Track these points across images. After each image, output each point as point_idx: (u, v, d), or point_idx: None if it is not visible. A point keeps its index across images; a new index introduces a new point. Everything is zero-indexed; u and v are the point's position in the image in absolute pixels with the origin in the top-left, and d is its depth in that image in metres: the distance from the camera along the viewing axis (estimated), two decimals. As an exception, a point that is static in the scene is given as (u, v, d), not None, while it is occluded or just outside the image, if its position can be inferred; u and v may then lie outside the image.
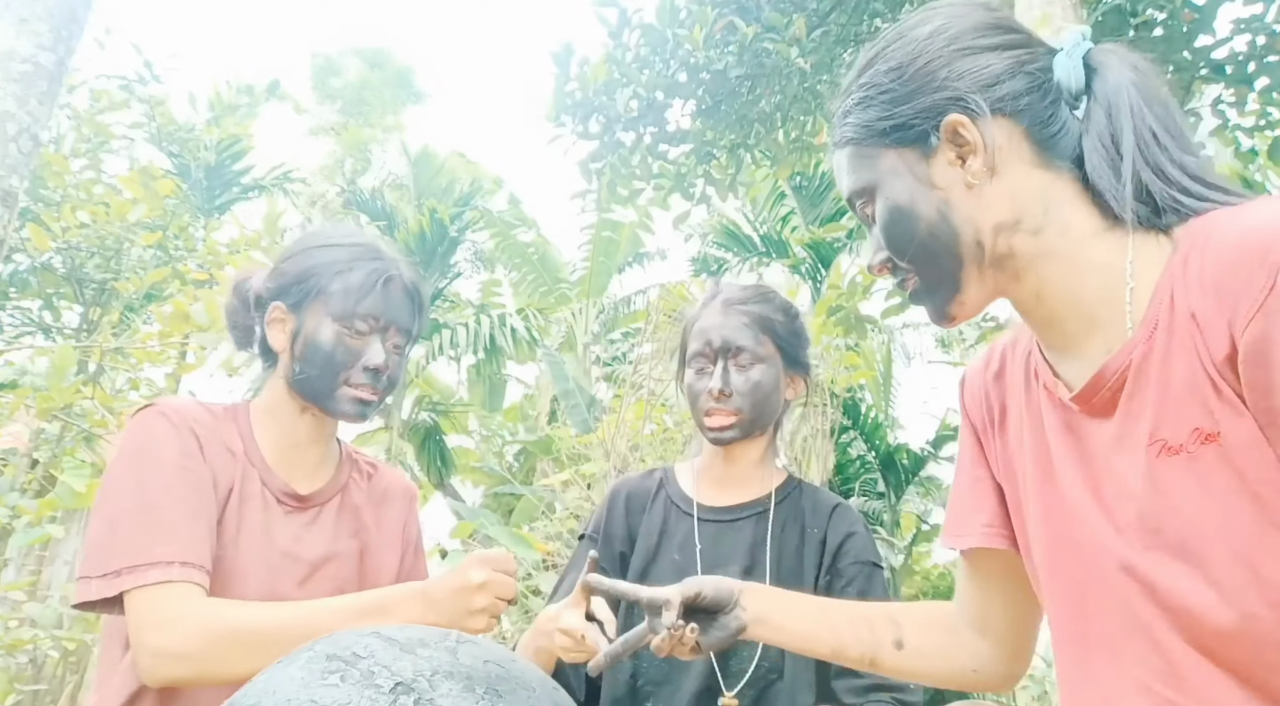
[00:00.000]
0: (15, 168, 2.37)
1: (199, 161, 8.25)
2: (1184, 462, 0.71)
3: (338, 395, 1.25)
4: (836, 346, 5.07)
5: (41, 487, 4.42)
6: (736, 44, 3.80)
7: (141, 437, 1.18)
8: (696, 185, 4.67)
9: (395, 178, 12.45)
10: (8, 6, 2.42)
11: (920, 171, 0.82)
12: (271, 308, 1.29)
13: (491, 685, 0.52)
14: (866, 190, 0.85)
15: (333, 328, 1.25)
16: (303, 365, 1.26)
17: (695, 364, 1.43)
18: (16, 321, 6.25)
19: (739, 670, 1.31)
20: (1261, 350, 0.65)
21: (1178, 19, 3.84)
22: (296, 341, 1.26)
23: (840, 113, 0.87)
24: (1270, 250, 0.65)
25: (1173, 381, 0.72)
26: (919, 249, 0.82)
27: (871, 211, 0.85)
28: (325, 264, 1.28)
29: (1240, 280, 0.66)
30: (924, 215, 0.81)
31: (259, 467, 1.27)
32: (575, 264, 10.97)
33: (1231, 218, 0.71)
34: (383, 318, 1.27)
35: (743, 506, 1.44)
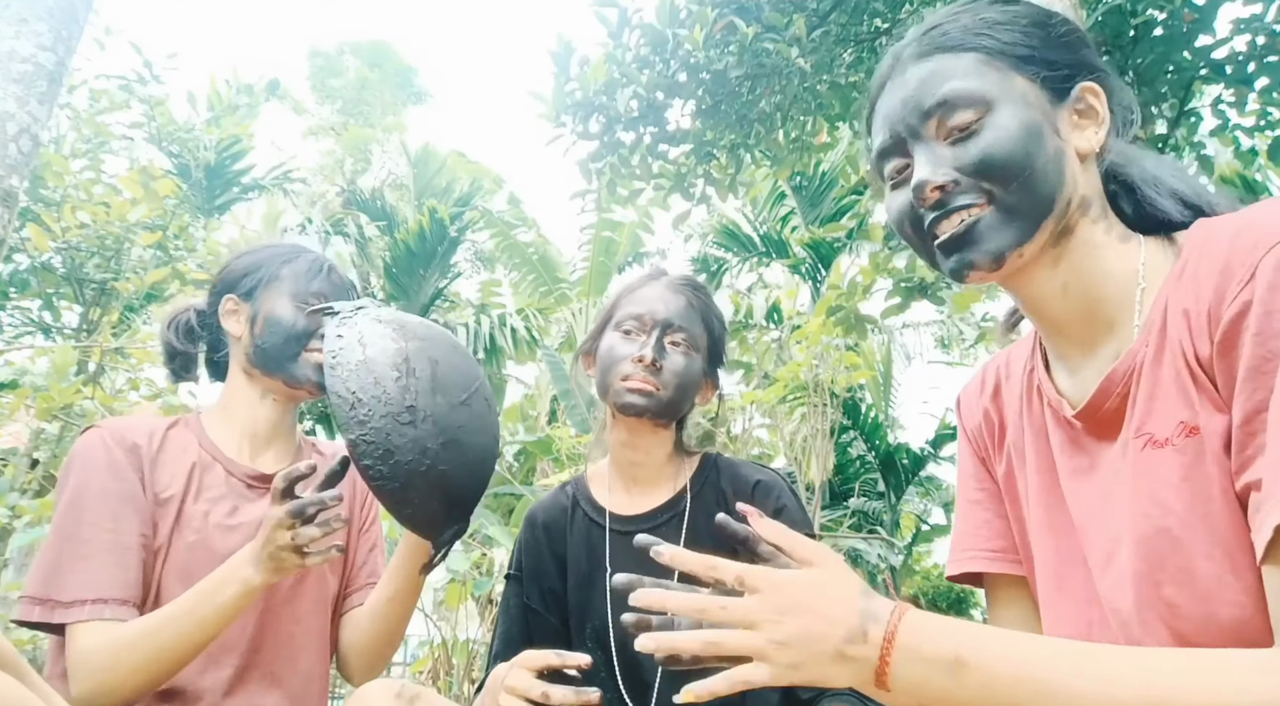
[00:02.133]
0: (15, 168, 2.37)
1: (199, 161, 8.25)
2: (1169, 455, 0.72)
3: (300, 360, 1.36)
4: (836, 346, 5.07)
5: (41, 487, 4.42)
6: (736, 44, 3.80)
7: (76, 462, 1.28)
8: (696, 185, 4.67)
9: (395, 178, 12.45)
10: (8, 6, 2.42)
11: (1049, 113, 0.80)
12: (224, 301, 1.40)
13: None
14: (981, 100, 0.79)
15: (289, 304, 1.37)
16: (264, 338, 1.36)
17: (625, 326, 1.34)
18: (16, 321, 6.25)
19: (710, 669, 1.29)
20: (1233, 334, 0.66)
21: (1178, 19, 3.84)
22: (255, 323, 1.37)
23: (972, 18, 0.83)
24: (1257, 246, 0.67)
25: (1162, 378, 0.73)
26: (1024, 179, 0.77)
27: (968, 123, 0.79)
28: (271, 256, 1.42)
29: (1225, 275, 0.68)
30: (1045, 149, 0.78)
31: (220, 460, 1.36)
32: (575, 264, 10.97)
33: (1227, 221, 0.73)
34: (330, 299, 1.39)
35: (658, 511, 1.36)
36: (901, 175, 0.85)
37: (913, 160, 0.82)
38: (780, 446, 6.94)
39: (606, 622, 1.31)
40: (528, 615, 1.36)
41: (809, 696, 1.20)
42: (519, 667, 1.13)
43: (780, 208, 9.21)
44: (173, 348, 1.46)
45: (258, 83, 8.34)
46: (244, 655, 1.31)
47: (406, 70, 21.13)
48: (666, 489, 1.38)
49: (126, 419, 1.38)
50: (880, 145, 0.86)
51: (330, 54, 20.71)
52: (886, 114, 0.85)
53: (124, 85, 6.16)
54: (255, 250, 1.45)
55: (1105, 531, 0.78)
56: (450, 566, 3.84)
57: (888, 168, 0.87)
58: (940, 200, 0.79)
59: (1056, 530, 0.85)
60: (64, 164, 5.07)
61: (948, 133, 0.80)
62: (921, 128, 0.81)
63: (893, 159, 0.85)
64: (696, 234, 10.13)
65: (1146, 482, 0.73)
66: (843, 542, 6.78)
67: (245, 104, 8.43)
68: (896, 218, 0.85)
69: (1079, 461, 0.82)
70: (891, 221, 0.87)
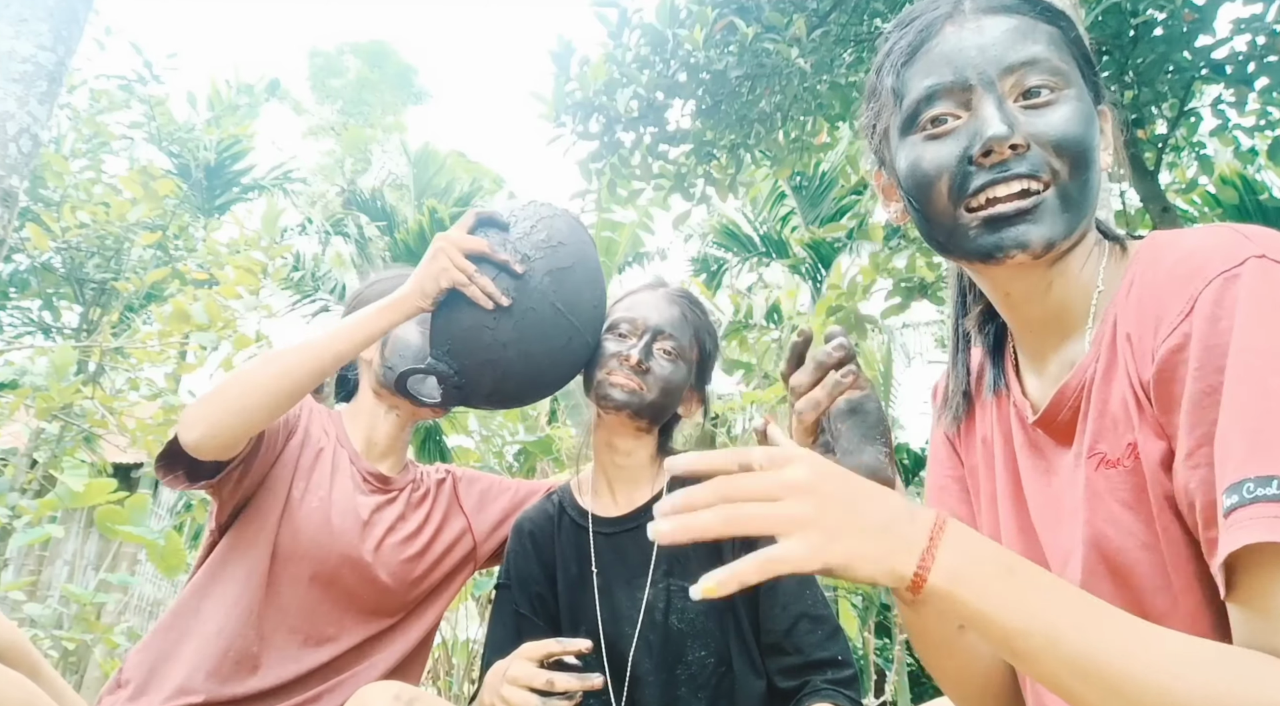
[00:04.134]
0: (15, 168, 2.37)
1: (199, 161, 8.25)
2: (1121, 476, 0.71)
3: (427, 382, 1.45)
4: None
5: (41, 487, 4.42)
6: (736, 44, 3.80)
7: None
8: (696, 185, 4.66)
9: (395, 177, 12.44)
10: (8, 6, 2.42)
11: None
12: None
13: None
14: (1062, 75, 0.75)
15: (418, 328, 1.46)
16: (395, 360, 1.47)
17: (619, 329, 1.37)
18: (16, 321, 6.26)
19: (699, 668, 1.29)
20: (1170, 367, 0.65)
21: (1178, 19, 3.84)
22: (385, 346, 1.48)
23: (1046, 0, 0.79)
24: (1194, 276, 0.66)
25: (1112, 398, 0.73)
26: (1088, 170, 0.74)
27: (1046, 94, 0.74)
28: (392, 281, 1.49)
29: (1164, 305, 0.68)
30: (1099, 151, 0.76)
31: (348, 450, 1.49)
32: (575, 264, 10.96)
33: (1174, 244, 0.72)
34: None
35: (639, 511, 1.38)
36: (945, 126, 0.76)
37: (971, 112, 0.75)
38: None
39: (597, 624, 1.32)
40: (519, 622, 1.38)
41: (791, 686, 1.22)
42: (521, 658, 1.13)
43: (780, 208, 9.20)
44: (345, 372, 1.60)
45: (258, 83, 8.34)
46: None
47: (406, 70, 21.13)
48: (647, 490, 1.40)
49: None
50: (932, 86, 0.76)
51: (330, 54, 20.71)
52: (950, 56, 0.76)
53: (124, 85, 6.16)
54: (384, 278, 1.55)
55: (1059, 539, 0.78)
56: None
57: (931, 112, 0.76)
58: (1004, 162, 0.72)
59: (1023, 531, 0.84)
60: (64, 164, 5.08)
61: (1021, 96, 0.74)
62: (999, 80, 0.74)
63: (942, 103, 0.76)
64: (696, 234, 10.12)
65: (1100, 502, 0.72)
66: (843, 542, 6.82)
67: (245, 104, 8.43)
68: (928, 173, 0.76)
69: (1038, 463, 0.82)
70: (909, 179, 0.78)
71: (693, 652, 1.29)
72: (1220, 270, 0.65)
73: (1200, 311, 0.64)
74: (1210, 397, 0.62)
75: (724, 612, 1.30)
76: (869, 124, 0.87)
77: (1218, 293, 0.64)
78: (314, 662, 1.35)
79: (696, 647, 1.29)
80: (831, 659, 1.22)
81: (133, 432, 3.96)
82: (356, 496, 1.44)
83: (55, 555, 6.51)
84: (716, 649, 1.28)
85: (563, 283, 1.31)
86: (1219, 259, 0.65)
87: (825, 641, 1.24)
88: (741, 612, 1.29)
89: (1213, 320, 0.63)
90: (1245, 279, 0.63)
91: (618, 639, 1.32)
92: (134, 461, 6.22)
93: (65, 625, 3.97)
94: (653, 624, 1.30)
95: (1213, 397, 0.62)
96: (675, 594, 1.31)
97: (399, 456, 1.55)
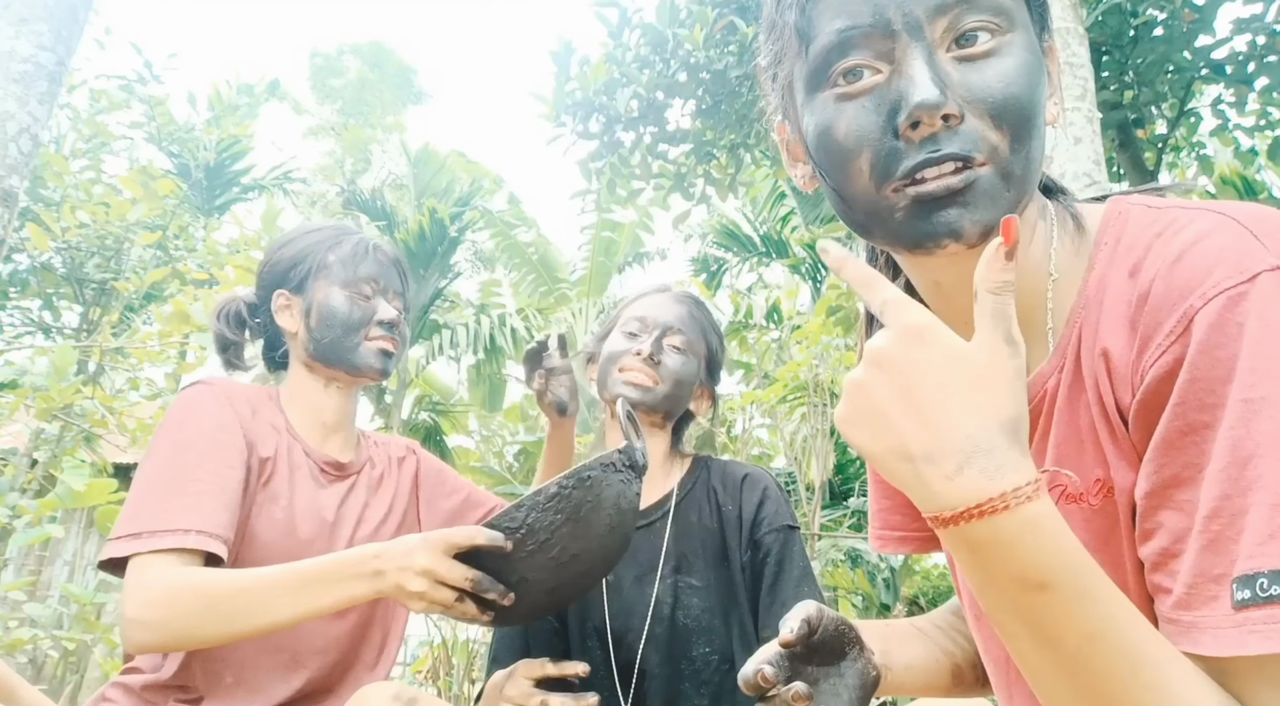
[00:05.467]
0: (15, 168, 2.37)
1: (199, 161, 8.25)
2: (1082, 514, 0.62)
3: (362, 350, 1.34)
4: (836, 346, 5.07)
5: (41, 487, 4.41)
6: (736, 44, 3.80)
7: (183, 409, 1.25)
8: (696, 185, 4.66)
9: (395, 178, 12.45)
10: (8, 6, 2.42)
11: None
12: (275, 296, 1.38)
13: None
14: (1004, 13, 0.60)
15: (342, 293, 1.34)
16: (322, 331, 1.34)
17: (628, 328, 1.40)
18: (16, 321, 6.25)
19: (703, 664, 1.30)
20: (1155, 395, 0.55)
21: (1178, 19, 3.84)
22: (310, 316, 1.35)
23: None
24: (1191, 288, 0.54)
25: (1078, 422, 0.63)
26: (1032, 136, 0.60)
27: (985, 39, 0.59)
28: (315, 244, 1.38)
29: (1154, 318, 0.56)
30: (1045, 107, 0.62)
31: (300, 441, 1.36)
32: (575, 264, 10.97)
33: (1155, 225, 0.61)
34: (381, 280, 1.37)
35: (650, 509, 1.38)
36: (861, 81, 0.60)
37: (894, 66, 0.59)
38: (780, 446, 6.95)
39: (605, 621, 1.33)
40: None
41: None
42: (517, 677, 1.13)
43: (780, 208, 9.20)
44: (225, 338, 1.42)
45: (258, 83, 8.34)
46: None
47: (406, 70, 21.13)
48: (659, 488, 1.42)
49: (227, 380, 1.37)
50: (843, 32, 0.60)
51: (330, 54, 20.71)
52: None
53: (124, 85, 6.16)
54: (295, 239, 1.41)
55: None
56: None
57: (844, 64, 0.60)
58: (935, 136, 0.58)
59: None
60: (64, 164, 5.08)
61: (955, 42, 0.59)
62: (928, 23, 0.59)
63: (858, 53, 0.60)
64: (696, 234, 10.12)
65: None
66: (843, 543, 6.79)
67: (245, 104, 8.44)
68: (844, 143, 0.61)
69: None
70: (821, 145, 0.63)
71: (697, 649, 1.30)
72: (1224, 285, 0.53)
73: (1196, 334, 0.53)
74: (1188, 438, 0.53)
75: (729, 611, 1.31)
76: (768, 67, 0.70)
77: (1219, 314, 0.52)
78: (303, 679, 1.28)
79: (701, 644, 1.30)
80: None
81: (133, 432, 3.96)
82: (319, 494, 1.33)
83: (55, 555, 6.52)
84: (720, 646, 1.29)
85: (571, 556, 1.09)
86: (1224, 269, 0.54)
87: None
88: (746, 612, 1.30)
89: (1208, 349, 0.53)
90: (1254, 300, 0.52)
91: (625, 633, 1.33)
92: (134, 461, 6.22)
93: (65, 625, 3.97)
94: (660, 619, 1.31)
95: (1191, 438, 0.53)
96: (683, 590, 1.33)
97: (349, 431, 1.42)
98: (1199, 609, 0.52)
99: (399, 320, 1.37)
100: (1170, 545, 0.55)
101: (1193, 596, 0.53)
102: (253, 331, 1.43)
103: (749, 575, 1.31)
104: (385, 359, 1.35)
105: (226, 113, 8.44)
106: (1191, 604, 0.53)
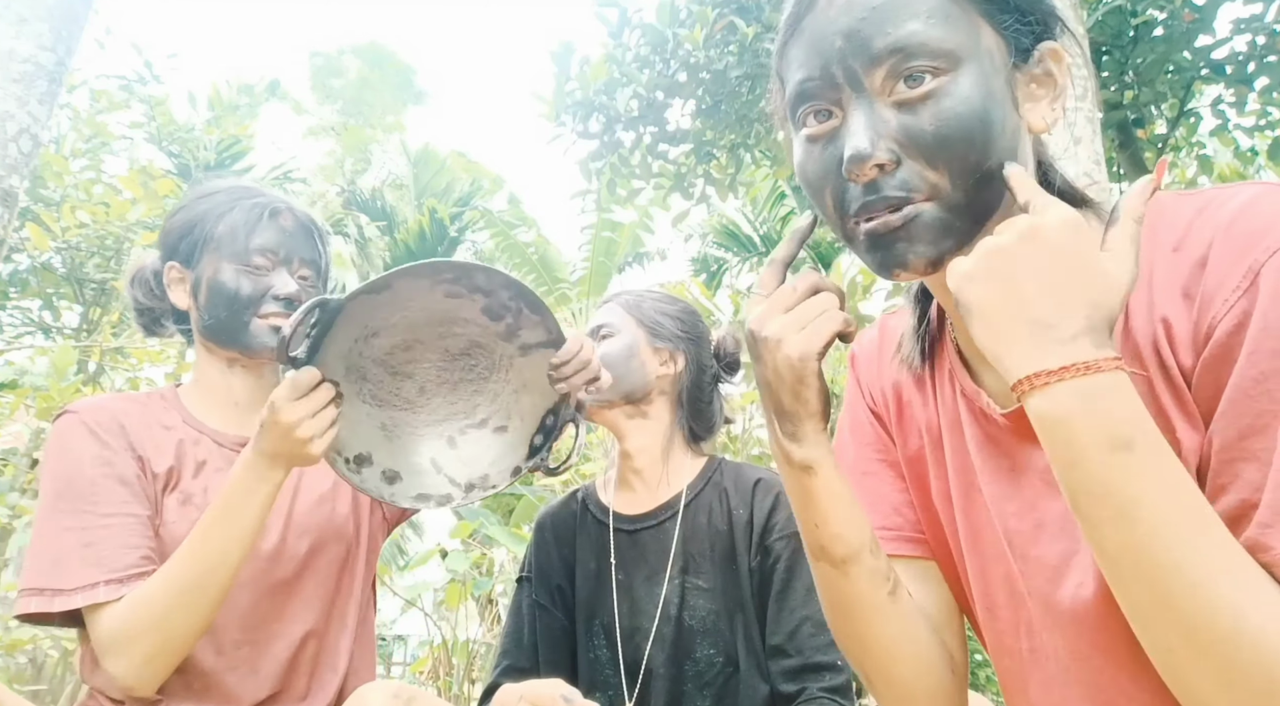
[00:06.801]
0: (15, 168, 2.37)
1: (199, 161, 8.25)
2: None
3: (251, 328, 1.23)
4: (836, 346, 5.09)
5: (41, 487, 4.42)
6: (736, 44, 3.80)
7: (56, 448, 1.18)
8: (696, 185, 4.67)
9: (395, 178, 12.45)
10: (8, 6, 2.42)
11: (1011, 79, 0.65)
12: (167, 269, 1.29)
13: None
14: (945, 55, 0.62)
15: (230, 267, 1.23)
16: (210, 309, 1.23)
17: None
18: (16, 321, 6.25)
19: (706, 666, 1.30)
20: (1225, 348, 0.58)
21: (1178, 19, 3.84)
22: (199, 293, 1.25)
23: None
24: (1253, 244, 0.58)
25: None
26: (979, 173, 0.63)
27: (924, 84, 0.62)
28: (206, 211, 1.26)
29: (1218, 277, 0.59)
30: (1004, 132, 0.63)
31: (207, 433, 1.26)
32: (575, 264, 10.96)
33: (1206, 217, 0.63)
34: (281, 250, 1.25)
35: (659, 509, 1.40)
36: (822, 125, 0.66)
37: (844, 114, 0.65)
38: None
39: (614, 618, 1.34)
40: (536, 612, 1.40)
41: (791, 690, 1.24)
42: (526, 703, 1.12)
43: (780, 208, 9.21)
44: (139, 304, 1.34)
45: (258, 83, 8.35)
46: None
47: (406, 70, 21.15)
48: (669, 488, 1.42)
49: (99, 398, 1.27)
50: (801, 83, 0.66)
51: (330, 54, 20.72)
52: (816, 42, 0.65)
53: (124, 85, 6.17)
54: (188, 204, 1.28)
55: (1043, 552, 0.70)
56: (450, 566, 3.84)
57: (806, 108, 0.67)
58: (875, 181, 0.63)
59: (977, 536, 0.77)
60: (64, 164, 5.08)
61: (895, 90, 0.63)
62: (865, 75, 0.63)
63: (816, 100, 0.66)
64: (696, 234, 10.12)
65: None
66: (843, 542, 6.82)
67: (245, 104, 8.44)
68: (813, 181, 0.68)
69: (1000, 463, 0.73)
70: (800, 179, 0.69)
71: (702, 650, 1.30)
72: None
73: (1265, 285, 0.56)
74: (1262, 386, 0.55)
75: (734, 614, 1.31)
76: (774, 94, 0.76)
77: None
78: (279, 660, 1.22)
79: (706, 646, 1.30)
80: (830, 664, 1.24)
81: (133, 432, 3.96)
82: None
83: (55, 555, 6.50)
84: (725, 649, 1.30)
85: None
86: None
87: (827, 646, 1.25)
88: (752, 616, 1.30)
89: (1277, 297, 0.55)
90: None
91: (634, 632, 1.34)
92: (134, 461, 6.22)
93: (65, 625, 3.97)
94: (667, 619, 1.32)
95: (1265, 386, 0.55)
96: (690, 591, 1.33)
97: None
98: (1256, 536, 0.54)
99: (299, 296, 1.23)
100: (1249, 495, 0.56)
101: (1272, 535, 0.54)
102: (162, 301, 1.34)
103: (756, 580, 1.31)
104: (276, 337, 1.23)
105: (226, 113, 8.44)
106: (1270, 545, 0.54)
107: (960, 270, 0.60)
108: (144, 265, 1.34)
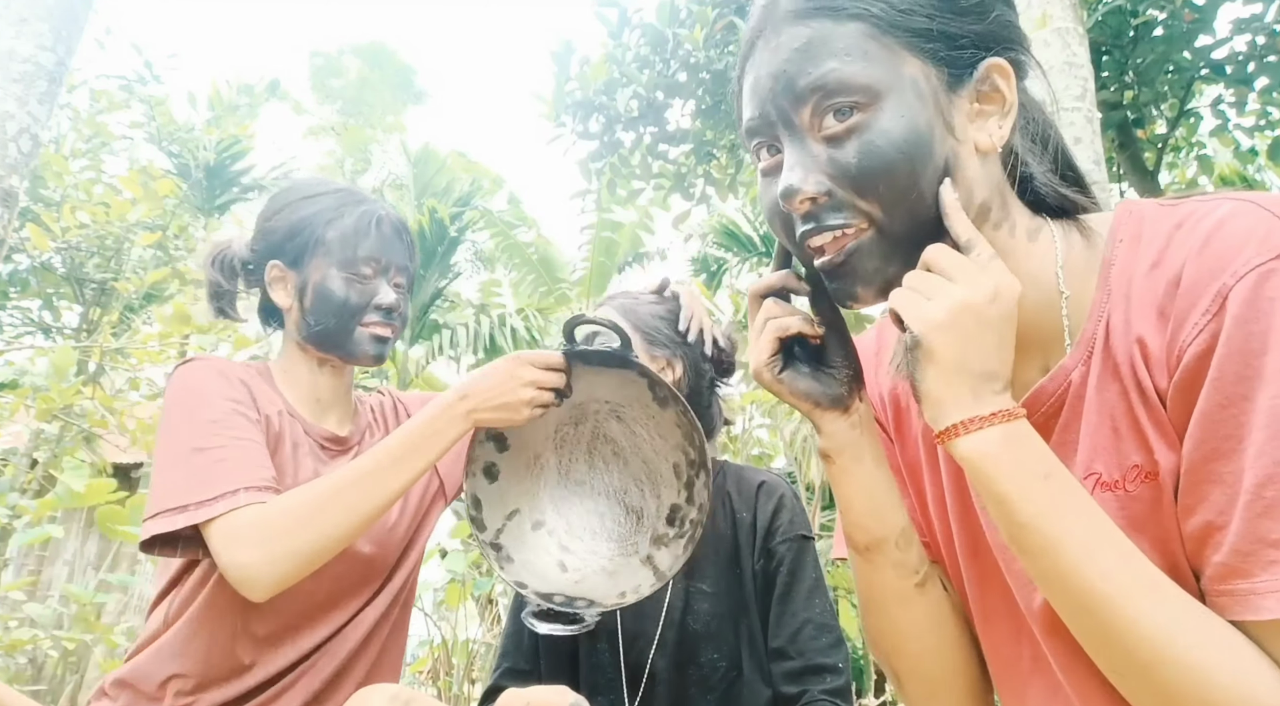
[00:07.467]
0: (15, 168, 2.37)
1: (199, 161, 8.25)
2: (1118, 500, 0.64)
3: (356, 337, 1.28)
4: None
5: (41, 487, 4.41)
6: (736, 44, 3.80)
7: (188, 384, 1.20)
8: (696, 185, 4.67)
9: (395, 178, 12.44)
10: (8, 6, 2.42)
11: (943, 105, 0.65)
12: (269, 267, 1.31)
13: None
14: (863, 90, 0.63)
15: (340, 275, 1.26)
16: (316, 317, 1.27)
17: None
18: (16, 321, 6.25)
19: (710, 670, 1.29)
20: (1194, 373, 0.59)
21: (1178, 19, 3.84)
22: (304, 296, 1.28)
23: None
24: (1222, 267, 0.58)
25: (1111, 410, 0.65)
26: (908, 200, 0.64)
27: (846, 119, 0.64)
28: (314, 214, 1.28)
29: (1188, 299, 0.60)
30: (936, 158, 0.64)
31: (299, 417, 1.30)
32: (575, 264, 10.96)
33: (1174, 218, 0.64)
34: (383, 258, 1.29)
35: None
36: (772, 159, 0.70)
37: (782, 151, 0.67)
38: (780, 446, 6.95)
39: (617, 623, 1.33)
40: None
41: (792, 692, 1.23)
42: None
43: (780, 208, 9.21)
44: (218, 286, 1.35)
45: (258, 83, 8.35)
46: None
47: (406, 70, 21.15)
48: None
49: (219, 358, 1.32)
50: (748, 122, 0.70)
51: (330, 54, 20.73)
52: (755, 84, 0.68)
53: (124, 85, 6.17)
54: (294, 204, 1.31)
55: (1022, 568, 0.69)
56: (450, 566, 3.84)
57: (754, 145, 0.71)
58: (812, 212, 0.66)
59: (975, 546, 0.78)
60: (64, 164, 5.08)
61: (824, 125, 0.65)
62: (794, 114, 0.65)
63: (760, 137, 0.69)
64: (696, 234, 10.12)
65: None
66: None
67: (245, 104, 8.44)
68: (768, 212, 0.71)
69: None
70: (764, 211, 0.72)
71: (705, 654, 1.29)
72: (1255, 262, 0.57)
73: (1231, 310, 0.56)
74: (1227, 411, 0.56)
75: (738, 618, 1.31)
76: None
77: (1252, 290, 0.56)
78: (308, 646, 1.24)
79: (709, 650, 1.29)
80: (832, 666, 1.23)
81: (133, 433, 3.96)
82: (320, 470, 1.29)
83: (55, 555, 6.51)
84: (728, 652, 1.29)
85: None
86: (1253, 248, 0.57)
87: (828, 649, 1.24)
88: (755, 619, 1.30)
89: (1243, 323, 0.56)
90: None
91: (637, 637, 1.33)
92: (134, 461, 6.22)
93: (65, 625, 3.97)
94: (671, 623, 1.31)
95: (1229, 411, 0.56)
96: (694, 595, 1.32)
97: (346, 406, 1.37)
98: (1257, 575, 0.55)
99: (398, 304, 1.30)
100: (1214, 518, 0.58)
101: (1250, 563, 0.56)
102: (247, 282, 1.36)
103: (760, 583, 1.30)
104: (380, 345, 1.29)
105: (226, 113, 8.45)
106: (1248, 571, 0.56)
107: (931, 319, 0.62)
108: (230, 249, 1.35)
